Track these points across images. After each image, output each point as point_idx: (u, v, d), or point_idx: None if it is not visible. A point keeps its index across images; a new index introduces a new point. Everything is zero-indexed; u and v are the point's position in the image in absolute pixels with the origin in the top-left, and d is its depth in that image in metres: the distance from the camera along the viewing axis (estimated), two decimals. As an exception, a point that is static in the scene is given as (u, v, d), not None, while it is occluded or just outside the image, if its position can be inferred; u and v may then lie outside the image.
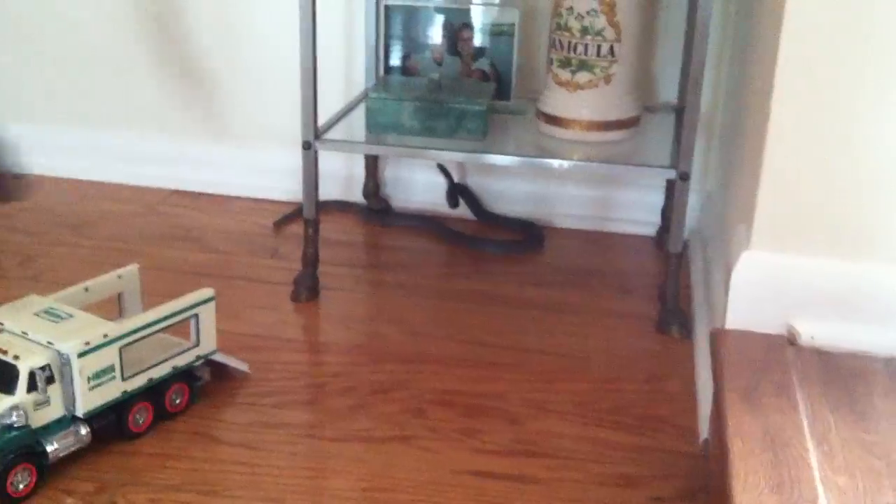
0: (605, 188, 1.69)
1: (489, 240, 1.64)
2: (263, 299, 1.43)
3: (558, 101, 1.41)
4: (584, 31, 1.36)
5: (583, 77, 1.38)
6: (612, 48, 1.36)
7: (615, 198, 1.70)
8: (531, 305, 1.44)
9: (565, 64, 1.39)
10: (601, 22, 1.35)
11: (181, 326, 1.13)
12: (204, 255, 1.58)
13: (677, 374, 1.26)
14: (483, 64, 1.55)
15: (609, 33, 1.36)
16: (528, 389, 1.22)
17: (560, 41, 1.39)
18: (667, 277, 1.36)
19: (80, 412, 1.02)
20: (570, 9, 1.36)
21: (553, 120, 1.42)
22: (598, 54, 1.37)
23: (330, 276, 1.49)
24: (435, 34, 1.57)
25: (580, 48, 1.37)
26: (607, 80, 1.38)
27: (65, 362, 1.00)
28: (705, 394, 1.13)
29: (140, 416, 1.09)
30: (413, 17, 1.57)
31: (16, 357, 0.98)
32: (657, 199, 1.66)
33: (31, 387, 0.98)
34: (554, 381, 1.24)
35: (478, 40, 1.55)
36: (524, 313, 1.42)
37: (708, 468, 1.05)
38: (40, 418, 1.00)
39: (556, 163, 1.33)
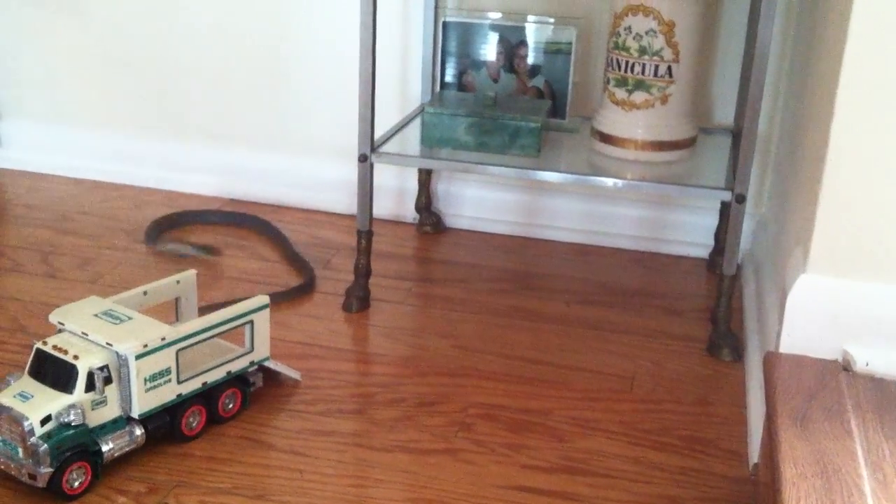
0: (657, 209, 1.69)
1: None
2: (315, 308, 1.45)
3: (614, 120, 1.42)
4: (642, 51, 1.36)
5: (639, 97, 1.38)
6: (669, 69, 1.37)
7: (667, 219, 1.69)
8: (579, 324, 1.44)
9: (622, 83, 1.39)
10: (659, 42, 1.35)
11: (235, 333, 1.14)
12: (257, 263, 1.60)
13: (726, 398, 1.25)
14: (539, 81, 1.56)
15: (667, 54, 1.36)
16: (573, 407, 1.22)
17: (617, 60, 1.39)
18: (719, 300, 1.35)
19: (135, 413, 1.04)
20: (629, 28, 1.36)
21: (608, 139, 1.42)
22: (656, 74, 1.37)
23: (380, 288, 1.50)
24: (491, 51, 1.58)
25: (637, 68, 1.37)
26: (664, 100, 1.38)
27: (123, 363, 1.02)
28: (756, 418, 1.12)
29: (193, 420, 1.10)
30: (470, 34, 1.58)
31: (75, 357, 1.01)
32: (710, 221, 1.65)
33: (90, 387, 1.00)
34: (600, 399, 1.24)
35: (534, 58, 1.56)
36: (571, 331, 1.42)
37: (757, 493, 1.04)
38: (97, 418, 1.02)
39: (609, 181, 1.33)
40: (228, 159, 1.86)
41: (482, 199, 1.75)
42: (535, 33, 1.55)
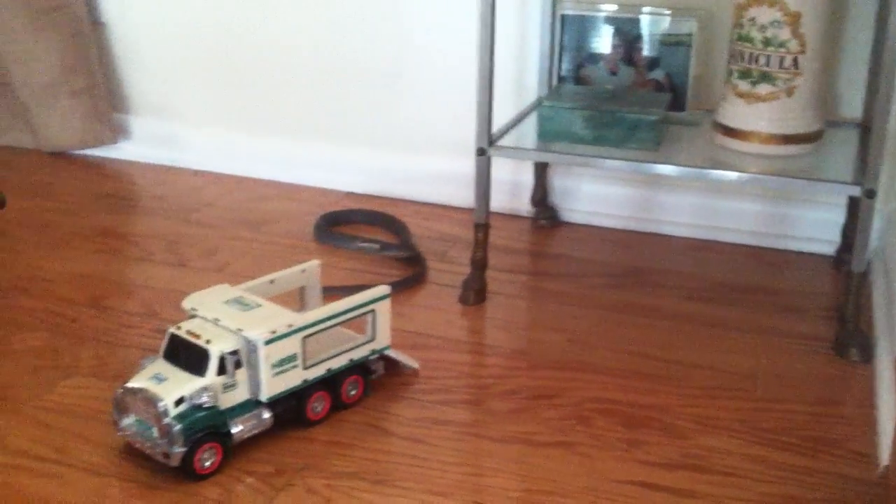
0: (778, 204, 1.65)
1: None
2: (431, 300, 1.46)
3: (737, 113, 1.39)
4: (767, 42, 1.33)
5: (763, 89, 1.35)
6: (795, 60, 1.33)
7: (789, 214, 1.65)
8: (697, 320, 1.42)
9: (745, 75, 1.36)
10: (785, 33, 1.32)
11: (357, 321, 1.17)
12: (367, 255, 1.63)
13: (854, 398, 1.22)
14: (658, 74, 1.54)
15: (793, 45, 1.33)
16: (692, 404, 1.21)
17: (741, 52, 1.36)
18: (847, 298, 1.31)
19: (263, 397, 1.08)
20: (753, 20, 1.33)
21: (730, 132, 1.40)
22: (781, 66, 1.34)
23: (496, 281, 1.51)
24: (609, 44, 1.57)
25: (762, 59, 1.34)
26: (789, 92, 1.35)
27: (252, 349, 1.06)
28: (886, 420, 1.09)
29: (318, 405, 1.13)
30: (588, 27, 1.57)
31: (208, 342, 1.05)
32: (835, 216, 1.60)
33: (221, 370, 1.04)
34: (719, 397, 1.22)
35: (653, 50, 1.54)
36: (690, 328, 1.40)
37: (888, 496, 1.01)
38: (227, 401, 1.05)
39: (733, 175, 1.31)
40: (346, 153, 1.90)
41: (598, 194, 1.74)
42: (653, 25, 1.54)
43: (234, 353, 1.05)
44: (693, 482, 1.06)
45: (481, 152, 1.39)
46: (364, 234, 1.68)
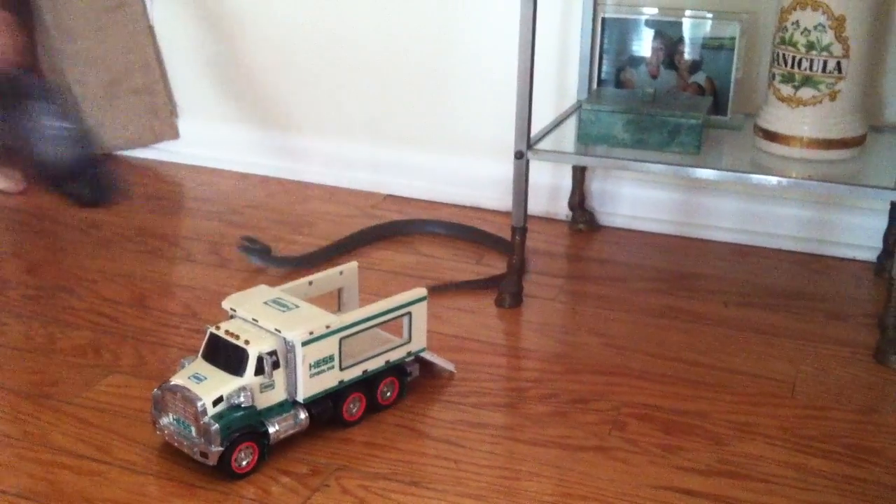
0: (820, 209, 1.63)
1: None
2: (468, 303, 1.47)
3: (779, 117, 1.38)
4: (810, 46, 1.32)
5: (806, 93, 1.34)
6: (838, 64, 1.32)
7: (831, 220, 1.63)
8: (736, 326, 1.41)
9: (788, 79, 1.35)
10: (828, 37, 1.31)
11: (393, 323, 1.18)
12: (412, 256, 1.63)
13: (894, 407, 1.20)
14: (700, 78, 1.53)
15: (836, 49, 1.31)
16: (731, 410, 1.20)
17: (784, 56, 1.35)
18: (887, 305, 1.29)
19: (300, 397, 1.09)
20: (796, 23, 1.32)
21: (772, 136, 1.38)
22: (824, 70, 1.32)
23: (533, 285, 1.51)
24: (651, 47, 1.56)
25: (805, 63, 1.33)
26: (832, 96, 1.33)
27: (290, 349, 1.07)
28: (928, 429, 1.07)
29: (354, 406, 1.14)
30: (629, 30, 1.57)
31: (246, 342, 1.06)
32: (878, 222, 1.58)
33: (259, 370, 1.05)
34: (759, 404, 1.21)
35: (695, 53, 1.53)
36: (728, 333, 1.39)
37: (928, 507, 1.00)
38: (265, 401, 1.06)
39: (774, 180, 1.30)
40: (386, 156, 1.91)
41: (637, 197, 1.73)
42: (695, 28, 1.53)
43: (272, 353, 1.06)
44: (731, 489, 1.05)
45: (520, 155, 1.39)
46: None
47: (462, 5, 1.77)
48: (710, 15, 1.52)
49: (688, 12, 1.53)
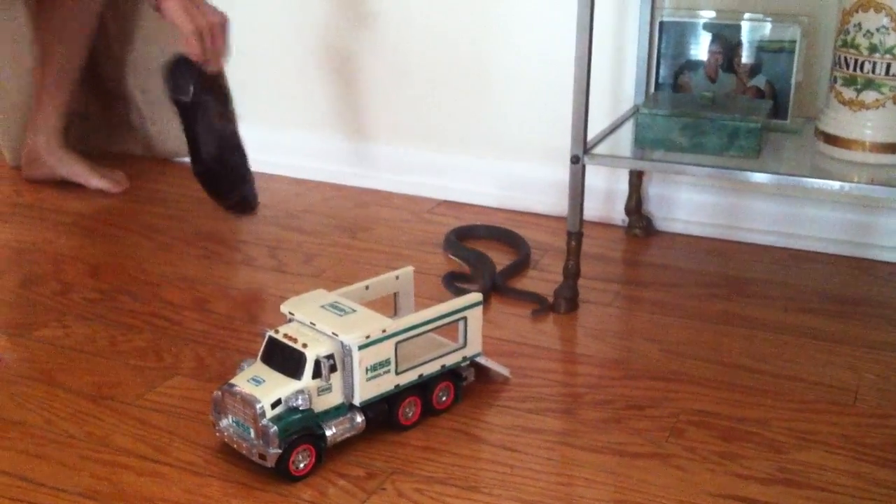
0: (881, 214, 1.60)
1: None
2: (523, 308, 1.46)
3: (840, 121, 1.35)
4: (873, 48, 1.30)
5: (869, 96, 1.32)
6: (902, 66, 1.29)
7: (885, 224, 1.60)
8: (796, 332, 1.39)
9: (850, 82, 1.33)
10: (891, 39, 1.28)
11: (448, 328, 1.18)
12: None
13: (960, 416, 1.17)
14: (759, 81, 1.51)
15: (900, 51, 1.29)
16: (790, 418, 1.18)
17: (845, 59, 1.33)
18: (953, 312, 1.27)
19: (356, 401, 1.09)
20: (858, 25, 1.30)
21: (833, 140, 1.36)
22: (887, 73, 1.30)
23: (588, 290, 1.51)
24: (709, 50, 1.54)
25: (867, 66, 1.30)
26: (895, 100, 1.31)
27: (347, 353, 1.08)
28: None
29: (409, 410, 1.15)
30: (687, 34, 1.55)
31: (304, 345, 1.07)
32: (942, 227, 1.55)
33: (316, 373, 1.06)
34: (819, 411, 1.19)
35: (754, 57, 1.51)
36: (787, 339, 1.37)
37: None
38: (322, 404, 1.07)
39: (836, 184, 1.28)
40: (440, 161, 1.91)
41: (695, 202, 1.71)
42: (754, 32, 1.51)
43: (330, 356, 1.07)
44: (790, 498, 1.03)
45: (576, 160, 1.39)
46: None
47: (515, 9, 1.77)
48: (769, 18, 1.50)
49: (746, 15, 1.52)
